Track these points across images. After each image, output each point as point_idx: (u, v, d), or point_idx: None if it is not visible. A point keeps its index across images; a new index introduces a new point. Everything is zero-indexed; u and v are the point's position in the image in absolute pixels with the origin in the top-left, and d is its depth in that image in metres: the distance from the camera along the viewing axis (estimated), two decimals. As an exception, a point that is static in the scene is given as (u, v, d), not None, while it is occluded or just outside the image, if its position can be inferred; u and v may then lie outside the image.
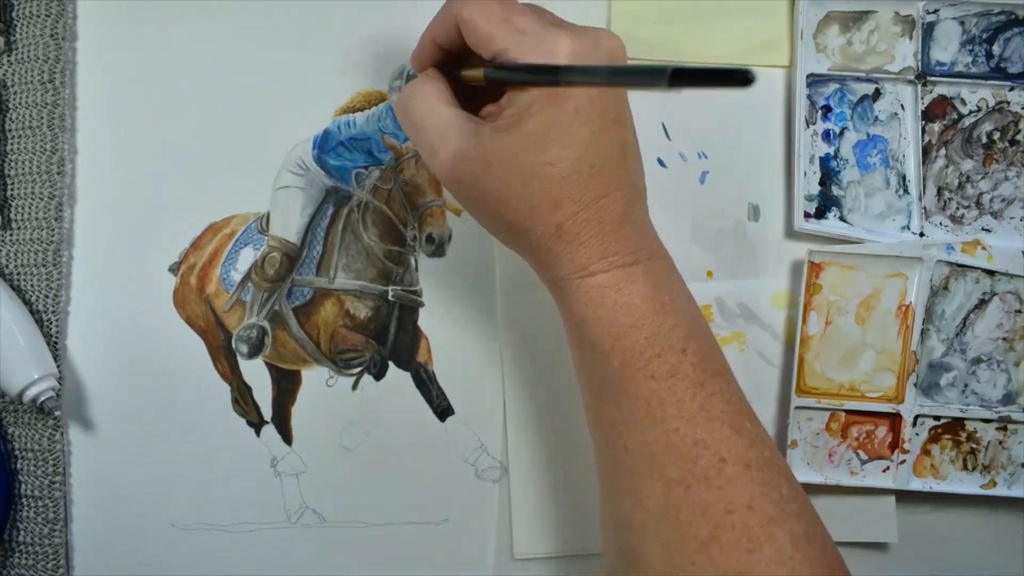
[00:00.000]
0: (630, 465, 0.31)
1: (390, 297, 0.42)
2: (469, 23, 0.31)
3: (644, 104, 0.42)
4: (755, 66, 0.42)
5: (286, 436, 0.42)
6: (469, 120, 0.32)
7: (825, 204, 0.43)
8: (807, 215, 0.42)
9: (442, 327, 0.43)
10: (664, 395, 0.31)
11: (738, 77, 0.21)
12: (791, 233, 0.42)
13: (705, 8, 0.42)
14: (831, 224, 0.42)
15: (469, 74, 0.33)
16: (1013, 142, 0.43)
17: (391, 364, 0.42)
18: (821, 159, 0.42)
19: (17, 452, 0.41)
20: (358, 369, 0.42)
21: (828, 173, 0.42)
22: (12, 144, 0.40)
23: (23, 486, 0.41)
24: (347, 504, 0.42)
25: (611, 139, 0.31)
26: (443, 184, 0.33)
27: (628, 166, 0.32)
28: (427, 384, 0.42)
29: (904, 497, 0.43)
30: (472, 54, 0.32)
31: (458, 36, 0.32)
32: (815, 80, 0.42)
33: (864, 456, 0.43)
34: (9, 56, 0.40)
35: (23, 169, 0.40)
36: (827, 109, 0.42)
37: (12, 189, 0.41)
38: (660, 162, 0.43)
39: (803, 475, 0.42)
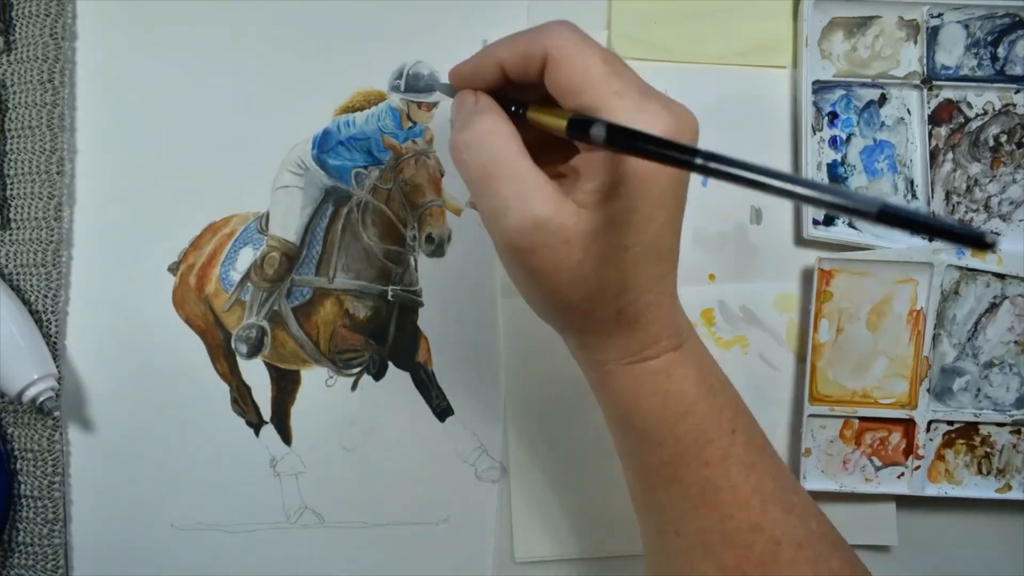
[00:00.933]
0: (684, 550, 0.29)
1: (389, 297, 0.40)
2: (564, 64, 0.26)
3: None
4: (755, 66, 0.40)
5: (285, 436, 0.40)
6: (551, 185, 0.27)
7: None
8: (816, 222, 0.40)
9: (442, 327, 0.40)
10: (719, 481, 0.29)
11: (973, 240, 0.18)
12: (800, 240, 0.40)
13: (705, 9, 0.40)
14: (840, 231, 0.40)
15: (542, 119, 0.28)
16: (1020, 144, 0.40)
17: (390, 364, 0.40)
18: (828, 166, 0.40)
19: (16, 452, 0.39)
20: (357, 369, 0.40)
21: (836, 179, 0.40)
22: (11, 144, 0.39)
23: (22, 486, 0.39)
24: (346, 504, 0.40)
25: (676, 223, 0.28)
26: (501, 247, 0.28)
27: (678, 248, 0.29)
28: (426, 384, 0.40)
29: (911, 500, 0.40)
30: (538, 94, 0.28)
31: (537, 71, 0.27)
32: (821, 86, 0.40)
33: (878, 463, 0.40)
34: (8, 56, 0.38)
35: (22, 169, 0.39)
36: (833, 115, 0.40)
37: (11, 189, 0.39)
38: None
39: (818, 483, 0.40)
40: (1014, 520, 0.40)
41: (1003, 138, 0.40)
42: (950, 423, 0.40)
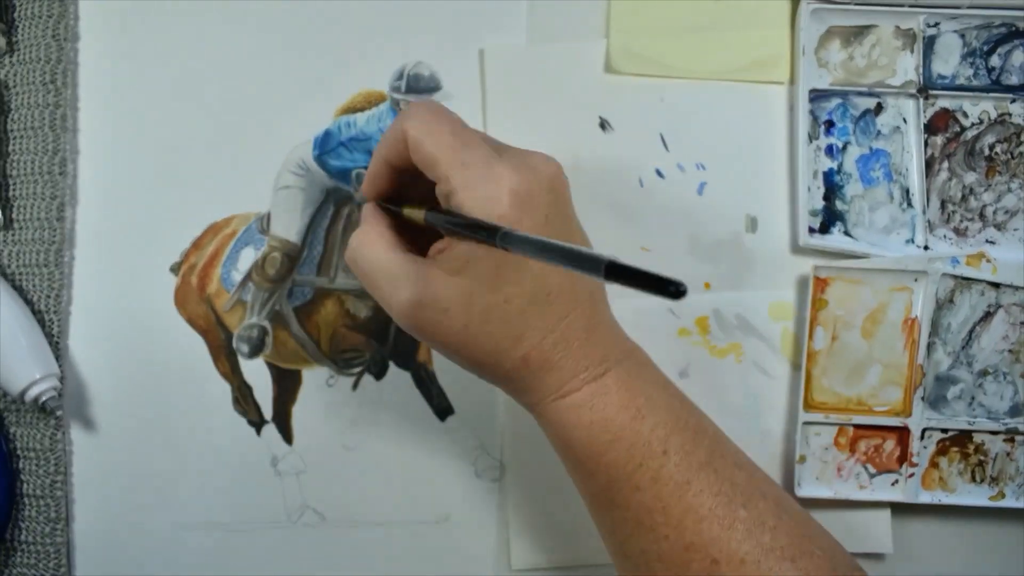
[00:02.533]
0: (630, 570, 0.29)
1: None
2: (416, 143, 0.28)
3: (642, 115, 0.38)
4: (754, 82, 0.38)
5: (287, 436, 0.38)
6: (417, 264, 0.29)
7: (829, 219, 0.38)
8: (811, 230, 0.38)
9: None
10: (651, 503, 0.28)
11: (671, 288, 0.18)
12: (796, 248, 0.38)
13: (703, 24, 0.38)
14: (835, 239, 0.38)
15: (411, 214, 0.30)
16: (1015, 154, 0.39)
17: (391, 364, 0.39)
18: (825, 174, 0.38)
19: (19, 451, 0.38)
20: (358, 369, 0.38)
21: (832, 188, 0.39)
22: (14, 145, 0.37)
23: (25, 485, 0.38)
24: (347, 503, 0.39)
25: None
26: (405, 330, 0.30)
27: (583, 279, 0.29)
28: (427, 384, 0.38)
29: (906, 508, 0.39)
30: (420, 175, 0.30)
31: (407, 156, 0.29)
32: (817, 95, 0.38)
33: (873, 470, 0.39)
34: (11, 57, 0.38)
35: (25, 170, 0.37)
36: (830, 124, 0.38)
37: (14, 189, 0.38)
38: (658, 173, 0.39)
39: (812, 490, 0.38)
40: (1008, 528, 0.39)
41: (998, 148, 0.38)
42: (944, 431, 0.38)
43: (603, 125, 0.38)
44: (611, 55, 0.38)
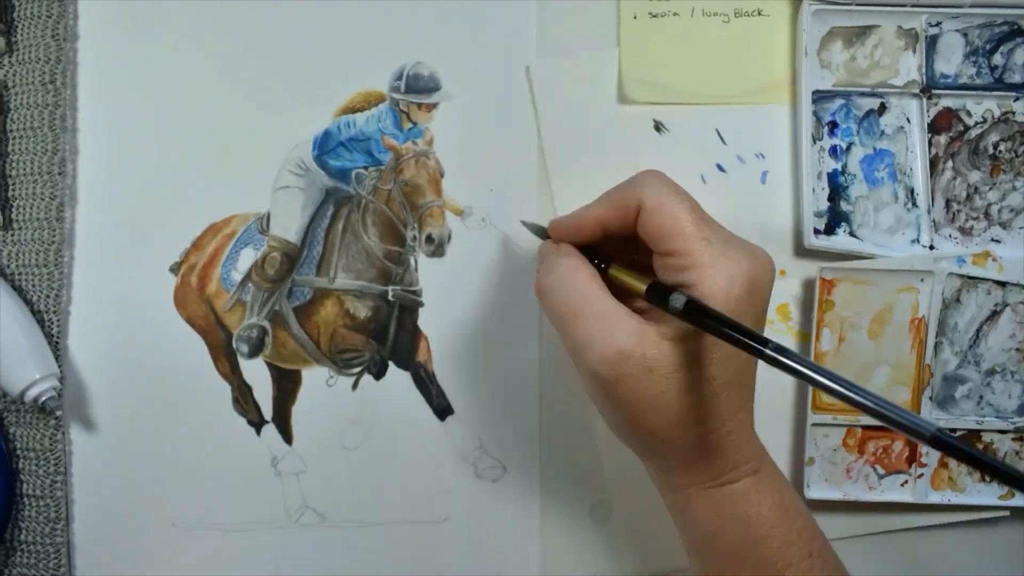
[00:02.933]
0: None
1: (390, 297, 0.38)
2: (656, 211, 0.28)
3: (694, 113, 0.38)
4: (757, 104, 0.38)
5: (286, 436, 0.38)
6: (633, 318, 0.28)
7: (834, 220, 0.38)
8: (817, 231, 0.38)
9: (442, 327, 0.39)
10: None
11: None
12: (801, 250, 0.38)
13: (709, 52, 0.38)
14: (841, 240, 0.38)
15: (623, 278, 0.29)
16: (1020, 152, 0.38)
17: (391, 364, 0.38)
18: (829, 175, 0.38)
19: (19, 452, 0.37)
20: (358, 369, 0.38)
21: (836, 189, 0.38)
22: (13, 145, 0.37)
23: (25, 485, 0.37)
24: (347, 503, 0.38)
25: (755, 360, 0.28)
26: (587, 378, 0.29)
27: (755, 380, 0.29)
28: (427, 384, 0.38)
29: (918, 510, 0.39)
30: (628, 248, 0.29)
31: (633, 221, 0.29)
32: (820, 96, 0.38)
33: (882, 471, 0.38)
34: (10, 57, 0.37)
35: (24, 170, 0.37)
36: (833, 125, 0.38)
37: (13, 190, 0.37)
38: (719, 167, 0.38)
39: (822, 492, 0.38)
40: (1018, 527, 0.38)
41: (1002, 146, 0.38)
42: (953, 431, 0.38)
43: (658, 127, 0.38)
44: (623, 85, 0.38)
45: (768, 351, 0.23)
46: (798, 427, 0.38)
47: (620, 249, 0.30)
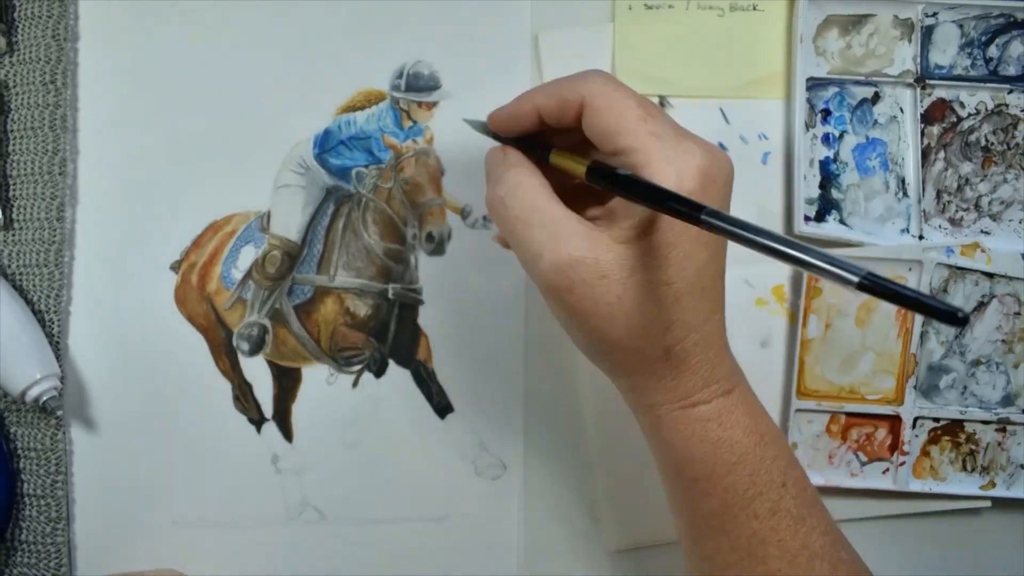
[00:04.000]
0: None
1: (390, 295, 0.41)
2: (601, 109, 0.28)
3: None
4: (752, 99, 0.41)
5: (287, 433, 0.41)
6: (583, 224, 0.29)
7: (825, 207, 0.42)
8: (807, 218, 0.41)
9: (442, 325, 0.42)
10: (766, 535, 0.29)
11: (949, 315, 0.19)
12: (791, 236, 0.41)
13: (704, 45, 0.42)
14: (831, 227, 0.41)
15: (563, 163, 0.30)
16: (1012, 145, 0.42)
17: (391, 362, 0.41)
18: (821, 162, 0.42)
19: (20, 451, 0.40)
20: (358, 367, 0.41)
21: (828, 176, 0.42)
22: (14, 145, 0.40)
23: (26, 485, 0.40)
24: (347, 501, 0.41)
25: (719, 261, 0.29)
26: (542, 290, 0.29)
27: (723, 289, 0.30)
28: (427, 382, 0.41)
29: (902, 498, 0.42)
30: (571, 140, 0.30)
31: (573, 117, 0.29)
32: (815, 83, 0.41)
33: (864, 458, 0.42)
34: (11, 57, 0.39)
35: (25, 170, 0.40)
36: (826, 112, 0.42)
37: (14, 190, 0.40)
38: (720, 146, 0.41)
39: None
40: (998, 517, 0.42)
41: (995, 138, 0.41)
42: (936, 420, 0.41)
43: (662, 102, 0.41)
44: (618, 78, 0.41)
45: (704, 216, 0.24)
46: (783, 413, 0.41)
47: (567, 146, 0.31)
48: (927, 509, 0.42)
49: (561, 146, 0.31)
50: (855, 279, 0.20)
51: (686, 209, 0.25)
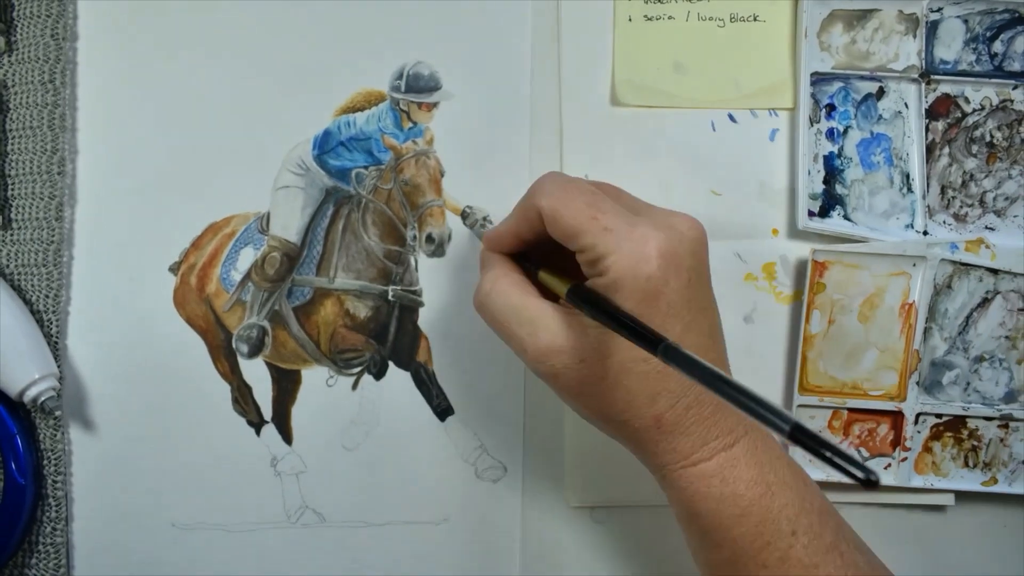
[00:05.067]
0: None
1: (390, 297, 0.43)
2: (555, 218, 0.31)
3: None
4: (758, 109, 0.43)
5: (286, 436, 0.43)
6: (558, 312, 0.32)
7: (829, 203, 0.43)
8: (811, 213, 0.42)
9: (442, 327, 0.43)
10: None
11: (862, 476, 0.21)
12: (794, 232, 0.42)
13: (708, 55, 0.43)
14: (835, 223, 0.42)
15: (549, 283, 0.33)
16: (1017, 140, 0.43)
17: (391, 364, 0.43)
18: (825, 157, 0.43)
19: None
20: (358, 369, 0.43)
21: (832, 171, 0.43)
22: (13, 144, 0.41)
23: None
24: (347, 504, 0.42)
25: (700, 326, 0.31)
26: (543, 382, 0.33)
27: (717, 346, 0.32)
28: (427, 384, 0.43)
29: (904, 495, 0.43)
30: (551, 242, 0.33)
31: (541, 227, 0.33)
32: (819, 78, 0.42)
33: (866, 454, 0.43)
34: (10, 56, 0.41)
35: (24, 169, 0.41)
36: (831, 107, 0.43)
37: (13, 189, 0.41)
38: (731, 118, 0.43)
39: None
40: (1000, 512, 0.44)
41: (999, 134, 0.43)
42: (938, 416, 0.43)
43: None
44: (615, 88, 0.42)
45: (659, 352, 0.25)
46: (784, 407, 0.40)
47: (555, 250, 0.33)
48: (926, 502, 0.44)
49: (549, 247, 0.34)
50: (786, 427, 0.22)
51: (644, 343, 0.27)
